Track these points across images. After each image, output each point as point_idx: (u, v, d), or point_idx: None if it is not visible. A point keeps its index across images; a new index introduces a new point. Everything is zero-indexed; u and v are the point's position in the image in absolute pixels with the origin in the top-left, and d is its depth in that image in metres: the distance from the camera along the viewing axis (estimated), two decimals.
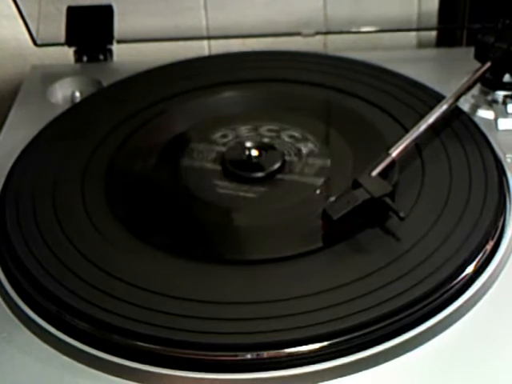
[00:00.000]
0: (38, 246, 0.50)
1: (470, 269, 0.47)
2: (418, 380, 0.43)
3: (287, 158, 0.58)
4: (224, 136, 0.61)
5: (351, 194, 0.50)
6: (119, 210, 0.54)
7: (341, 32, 0.78)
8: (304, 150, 0.58)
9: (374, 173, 0.51)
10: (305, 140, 0.60)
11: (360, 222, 0.50)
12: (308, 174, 0.56)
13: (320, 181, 0.55)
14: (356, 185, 0.50)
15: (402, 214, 0.49)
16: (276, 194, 0.55)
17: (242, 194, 0.55)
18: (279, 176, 0.56)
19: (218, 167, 0.57)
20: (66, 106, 0.66)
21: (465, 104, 0.62)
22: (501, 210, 0.51)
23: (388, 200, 0.49)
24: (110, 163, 0.58)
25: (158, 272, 0.48)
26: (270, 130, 0.61)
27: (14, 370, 0.44)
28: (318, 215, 0.50)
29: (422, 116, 0.57)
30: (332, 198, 0.52)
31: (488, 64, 0.60)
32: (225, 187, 0.55)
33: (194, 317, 0.45)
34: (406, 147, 0.54)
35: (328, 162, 0.57)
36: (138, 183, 0.57)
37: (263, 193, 0.55)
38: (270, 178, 0.56)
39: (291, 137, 0.60)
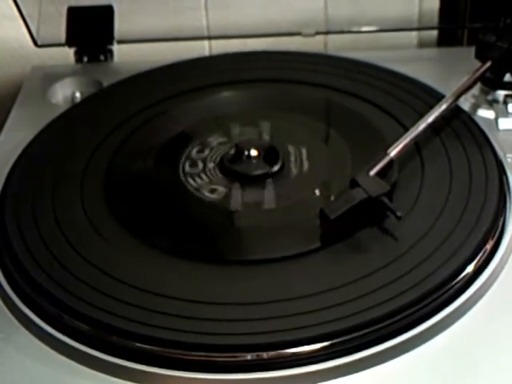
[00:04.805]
0: (37, 246, 0.50)
1: (469, 268, 0.47)
2: (417, 380, 0.42)
3: (286, 157, 0.57)
4: (224, 136, 0.61)
5: (349, 194, 0.50)
6: (119, 210, 0.54)
7: (341, 32, 0.77)
8: (303, 150, 0.58)
9: (372, 172, 0.51)
10: (304, 140, 0.59)
11: (358, 222, 0.50)
12: (307, 173, 0.56)
13: (319, 180, 0.55)
14: (354, 184, 0.50)
15: (399, 214, 0.49)
16: (275, 193, 0.54)
17: (241, 193, 0.55)
18: (278, 176, 0.56)
19: (218, 167, 0.57)
20: (67, 107, 0.66)
21: (465, 103, 0.62)
22: (501, 210, 0.51)
23: (385, 199, 0.49)
24: (110, 163, 0.58)
25: (157, 272, 0.48)
26: (269, 130, 0.61)
27: (13, 371, 0.44)
28: (317, 215, 0.50)
29: (422, 115, 0.57)
30: (331, 198, 0.52)
31: (488, 63, 0.60)
32: (224, 187, 0.55)
33: (193, 317, 0.44)
34: (404, 146, 0.54)
35: (327, 162, 0.57)
36: (138, 183, 0.57)
37: (262, 192, 0.55)
38: (269, 177, 0.56)
39: (291, 137, 0.60)
